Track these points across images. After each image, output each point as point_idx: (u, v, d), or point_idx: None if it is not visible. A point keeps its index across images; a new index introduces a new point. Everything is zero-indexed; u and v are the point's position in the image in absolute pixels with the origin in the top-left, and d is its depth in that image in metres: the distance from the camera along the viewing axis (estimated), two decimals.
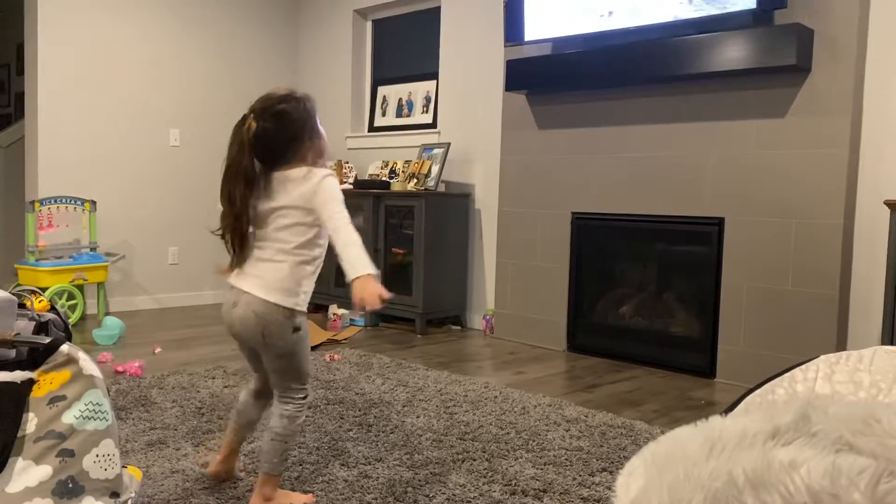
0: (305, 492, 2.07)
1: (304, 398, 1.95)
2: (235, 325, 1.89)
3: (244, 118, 1.87)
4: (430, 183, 4.64)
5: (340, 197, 1.85)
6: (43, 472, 1.44)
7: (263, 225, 1.89)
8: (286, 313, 1.85)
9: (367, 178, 5.23)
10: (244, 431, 2.11)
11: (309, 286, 1.92)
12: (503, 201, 4.45)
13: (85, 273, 4.53)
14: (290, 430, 1.93)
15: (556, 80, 4.00)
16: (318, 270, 1.95)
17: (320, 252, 1.93)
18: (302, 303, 1.90)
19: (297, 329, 1.88)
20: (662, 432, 2.31)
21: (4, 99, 7.33)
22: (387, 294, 1.74)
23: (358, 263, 1.77)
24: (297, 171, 1.87)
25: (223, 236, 1.88)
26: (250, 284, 1.86)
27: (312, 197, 1.83)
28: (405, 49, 5.48)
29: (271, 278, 1.85)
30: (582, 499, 2.09)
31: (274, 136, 1.85)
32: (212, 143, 5.15)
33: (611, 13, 3.74)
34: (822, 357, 1.37)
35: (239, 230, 1.86)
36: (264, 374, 2.00)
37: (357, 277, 1.75)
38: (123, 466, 1.63)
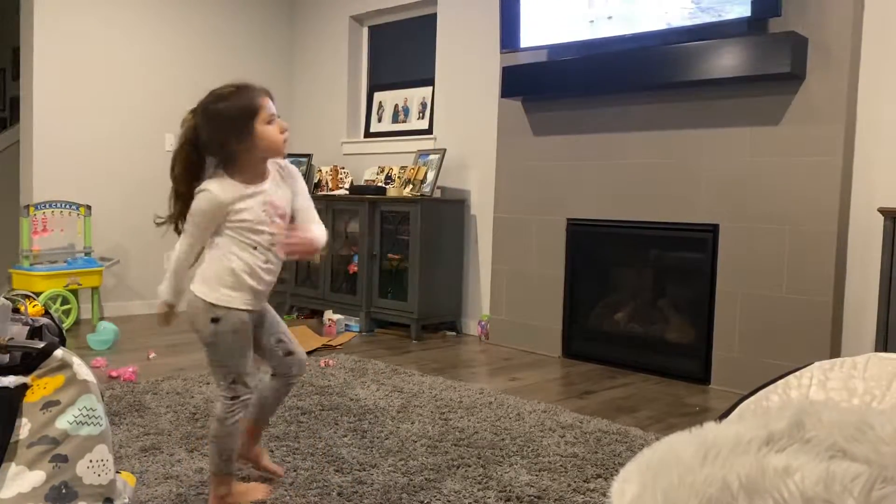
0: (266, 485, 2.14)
1: (231, 399, 1.93)
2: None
3: (189, 112, 1.91)
4: (426, 189, 4.65)
5: (189, 218, 1.87)
6: (36, 477, 1.43)
7: None
8: (203, 303, 1.89)
9: (362, 183, 5.23)
10: (255, 410, 2.12)
11: (226, 279, 1.89)
12: (498, 207, 4.46)
13: (79, 278, 4.52)
14: (219, 431, 1.93)
15: (552, 86, 4.01)
16: (236, 266, 1.89)
17: (237, 253, 1.89)
18: (221, 298, 1.88)
19: (214, 320, 1.89)
20: (657, 438, 2.31)
21: None
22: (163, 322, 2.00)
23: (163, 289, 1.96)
24: (209, 178, 1.90)
25: (171, 224, 1.97)
26: (191, 282, 1.97)
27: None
28: (401, 55, 5.49)
29: (196, 272, 1.93)
30: None
31: (204, 136, 1.86)
32: None
33: (606, 20, 3.76)
34: (817, 363, 1.38)
35: (179, 220, 1.93)
36: (263, 355, 2.09)
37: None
38: (117, 472, 1.62)
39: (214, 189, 1.85)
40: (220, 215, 1.86)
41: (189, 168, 1.89)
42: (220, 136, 1.85)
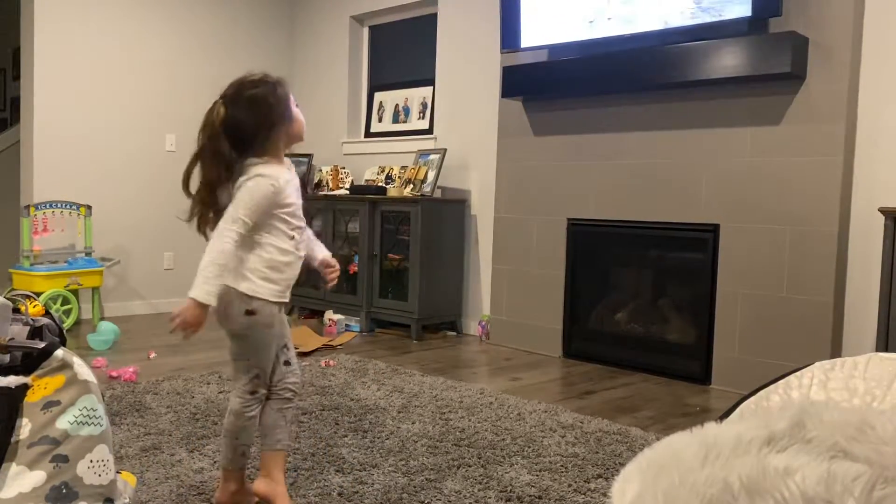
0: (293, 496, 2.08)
1: (251, 394, 1.93)
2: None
3: (214, 103, 1.86)
4: (427, 189, 4.65)
5: (248, 204, 1.80)
6: (37, 477, 1.43)
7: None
8: (237, 294, 1.84)
9: (363, 183, 5.23)
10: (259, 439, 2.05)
11: (261, 270, 1.86)
12: (499, 207, 4.46)
13: (80, 278, 4.52)
14: (236, 425, 1.93)
15: (552, 86, 4.01)
16: (274, 259, 1.88)
17: (268, 241, 1.87)
18: (258, 290, 1.86)
19: (250, 312, 1.86)
20: (658, 439, 2.31)
21: (0, 103, 7.32)
22: (192, 329, 1.76)
23: (196, 282, 1.78)
24: (254, 165, 1.84)
25: (194, 222, 1.88)
26: None
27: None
28: (402, 55, 5.49)
29: (230, 266, 1.85)
30: None
31: (244, 123, 1.83)
32: None
33: (607, 20, 3.76)
34: (817, 364, 1.38)
35: (207, 217, 1.85)
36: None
37: (189, 297, 1.77)
38: (118, 472, 1.62)
39: (272, 173, 1.83)
40: (277, 201, 1.84)
41: (219, 162, 1.82)
42: (266, 119, 1.84)
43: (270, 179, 1.83)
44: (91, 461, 1.50)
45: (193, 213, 1.86)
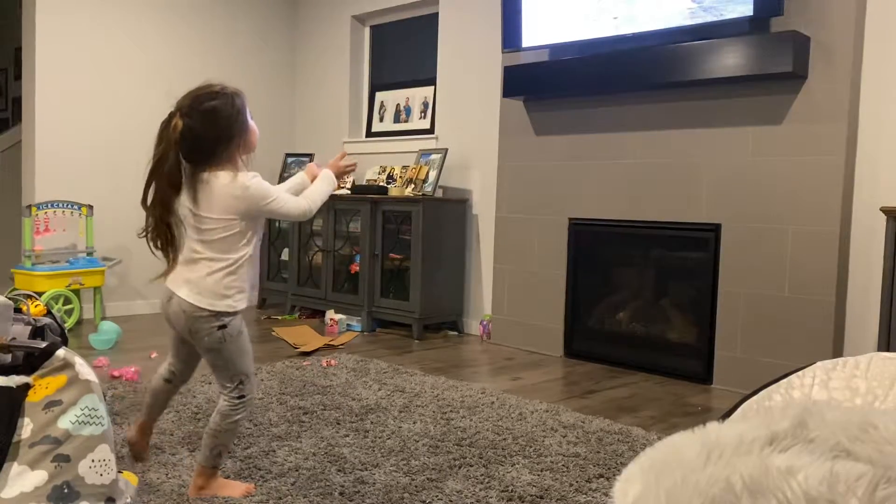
0: (242, 484, 2.11)
1: (238, 398, 1.97)
2: (170, 318, 1.96)
3: (171, 116, 1.85)
4: (428, 188, 4.65)
5: (272, 190, 1.92)
6: (38, 477, 1.43)
7: (188, 228, 1.90)
8: (210, 314, 1.89)
9: (364, 183, 5.23)
10: (154, 410, 2.18)
11: (238, 285, 1.93)
12: (500, 207, 4.46)
13: (81, 277, 4.52)
14: (221, 426, 1.96)
15: (554, 86, 4.01)
16: (246, 268, 1.94)
17: (245, 253, 1.93)
18: (233, 304, 1.92)
19: (223, 326, 1.90)
20: (659, 438, 2.31)
21: (2, 103, 7.32)
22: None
23: (323, 186, 2.10)
24: (222, 177, 1.86)
25: (148, 239, 1.87)
26: (180, 287, 1.90)
27: (243, 207, 1.87)
28: (403, 55, 5.49)
29: (197, 282, 1.88)
30: None
31: (202, 135, 1.83)
32: None
33: (608, 19, 3.76)
34: (819, 363, 1.38)
35: (165, 234, 1.85)
36: (180, 363, 2.10)
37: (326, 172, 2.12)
38: (119, 472, 1.63)
39: (255, 176, 1.92)
40: None
41: (176, 176, 1.84)
42: (225, 132, 1.86)
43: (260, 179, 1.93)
44: (93, 461, 1.50)
45: (149, 229, 1.87)
